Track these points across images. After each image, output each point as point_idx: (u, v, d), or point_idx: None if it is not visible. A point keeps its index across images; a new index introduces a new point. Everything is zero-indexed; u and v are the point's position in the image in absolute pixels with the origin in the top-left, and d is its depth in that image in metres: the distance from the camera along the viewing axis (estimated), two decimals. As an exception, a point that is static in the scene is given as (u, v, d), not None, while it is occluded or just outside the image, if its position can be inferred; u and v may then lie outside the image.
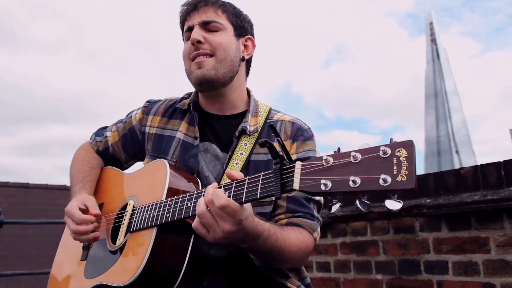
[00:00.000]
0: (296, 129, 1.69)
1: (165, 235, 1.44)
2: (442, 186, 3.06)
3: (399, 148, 0.99)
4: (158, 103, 1.86)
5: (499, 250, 2.69)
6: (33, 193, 12.18)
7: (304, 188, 1.09)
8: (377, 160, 1.00)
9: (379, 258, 3.36)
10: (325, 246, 3.76)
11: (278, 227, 1.43)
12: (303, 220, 1.56)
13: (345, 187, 1.02)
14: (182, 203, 1.39)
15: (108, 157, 1.94)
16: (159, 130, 1.78)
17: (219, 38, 1.65)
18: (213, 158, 1.66)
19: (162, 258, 1.42)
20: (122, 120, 1.93)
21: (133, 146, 1.87)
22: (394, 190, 0.97)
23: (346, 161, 1.04)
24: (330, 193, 1.05)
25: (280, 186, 1.14)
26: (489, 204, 2.69)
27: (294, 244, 1.46)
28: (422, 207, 3.05)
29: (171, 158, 1.69)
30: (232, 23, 1.71)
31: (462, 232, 2.88)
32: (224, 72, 1.64)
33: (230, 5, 1.74)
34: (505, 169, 2.74)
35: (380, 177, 0.97)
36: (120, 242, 1.56)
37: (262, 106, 1.78)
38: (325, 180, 1.05)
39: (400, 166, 0.97)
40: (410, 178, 0.95)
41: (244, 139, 1.64)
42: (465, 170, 2.98)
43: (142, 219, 1.50)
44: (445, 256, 2.96)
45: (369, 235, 3.44)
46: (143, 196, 1.60)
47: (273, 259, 1.47)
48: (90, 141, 1.99)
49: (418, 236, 3.12)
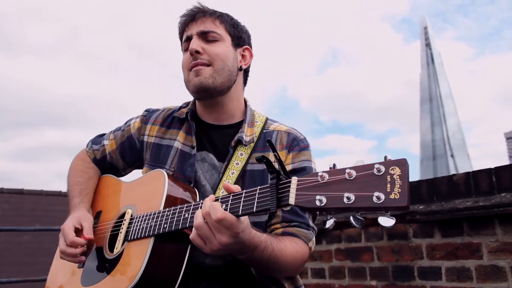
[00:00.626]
0: (292, 140, 1.70)
1: (162, 244, 1.46)
2: (435, 193, 3.09)
3: (393, 166, 1.01)
4: (157, 112, 1.88)
5: (491, 256, 2.72)
6: (28, 199, 12.12)
7: (299, 203, 1.11)
8: (371, 177, 1.02)
9: (373, 264, 3.38)
10: (320, 252, 3.78)
11: (274, 238, 1.45)
12: (299, 229, 1.58)
13: (340, 203, 1.04)
14: (180, 214, 1.41)
15: (105, 165, 1.95)
16: (158, 139, 1.80)
17: (217, 49, 1.67)
18: (210, 167, 1.68)
19: (159, 267, 1.43)
20: (120, 128, 1.94)
21: (131, 155, 1.88)
22: (387, 207, 0.99)
23: (341, 178, 1.06)
24: (325, 208, 1.07)
25: (276, 200, 1.16)
26: (481, 210, 2.73)
27: (290, 254, 1.47)
28: (415, 214, 3.08)
29: (169, 167, 1.71)
30: (229, 33, 1.73)
31: (455, 238, 2.91)
32: (222, 81, 1.67)
33: (228, 16, 1.76)
34: (496, 175, 2.78)
35: (373, 194, 1.00)
36: (117, 250, 1.57)
37: (259, 116, 1.80)
38: (320, 196, 1.07)
39: (393, 184, 0.99)
40: (403, 196, 0.97)
41: (240, 149, 1.66)
42: (457, 177, 3.01)
43: (139, 228, 1.51)
44: (438, 262, 2.98)
45: (363, 242, 3.47)
46: (141, 205, 1.62)
47: (269, 269, 1.48)
48: (87, 149, 1.99)
49: (412, 242, 3.15)
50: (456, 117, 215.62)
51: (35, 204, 12.05)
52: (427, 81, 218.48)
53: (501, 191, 2.73)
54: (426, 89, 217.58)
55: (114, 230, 1.66)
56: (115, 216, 1.71)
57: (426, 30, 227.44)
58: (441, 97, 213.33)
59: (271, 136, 1.72)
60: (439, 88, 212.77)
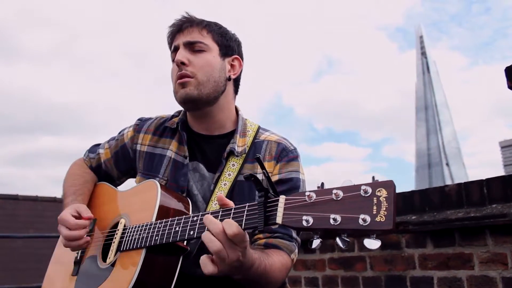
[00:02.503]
0: (281, 150, 1.71)
1: (154, 255, 1.48)
2: (427, 203, 3.12)
3: (379, 188, 1.02)
4: (149, 121, 1.89)
5: (482, 266, 2.74)
6: (22, 205, 12.07)
7: (286, 223, 1.13)
8: (358, 199, 1.03)
9: (366, 273, 3.40)
10: (313, 261, 3.79)
11: (264, 255, 1.46)
12: (281, 241, 1.58)
13: (326, 224, 1.05)
14: (171, 228, 1.43)
15: (101, 173, 1.97)
16: (150, 148, 1.81)
17: (202, 60, 1.68)
18: (200, 178, 1.70)
19: (150, 278, 1.45)
20: (115, 138, 1.96)
21: (125, 164, 1.90)
22: (372, 230, 1.00)
23: (328, 198, 1.07)
24: (311, 229, 1.08)
25: (263, 219, 1.17)
26: (472, 221, 2.75)
27: (277, 269, 1.50)
28: (407, 224, 3.10)
29: (162, 176, 1.73)
30: (217, 42, 1.73)
31: (446, 248, 2.93)
32: (208, 92, 1.67)
33: (215, 25, 1.75)
34: (487, 187, 2.81)
35: (359, 217, 1.00)
36: (110, 260, 1.59)
37: (250, 125, 1.80)
38: (306, 216, 1.08)
39: (379, 206, 1.00)
40: (388, 219, 0.98)
41: (232, 160, 1.67)
42: (449, 188, 3.04)
43: (132, 240, 1.53)
44: (431, 272, 3.00)
45: (356, 251, 3.49)
46: (134, 215, 1.64)
47: (258, 284, 1.49)
48: (84, 157, 2.02)
49: (404, 252, 3.17)
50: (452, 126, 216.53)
51: (30, 210, 12.00)
52: (422, 90, 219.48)
53: (492, 202, 2.76)
54: (422, 98, 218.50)
55: (108, 239, 1.68)
56: (109, 225, 1.73)
57: (422, 39, 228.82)
58: (436, 105, 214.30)
59: (261, 147, 1.72)
60: (435, 96, 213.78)
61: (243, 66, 1.82)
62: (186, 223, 1.39)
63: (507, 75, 2.28)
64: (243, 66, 1.82)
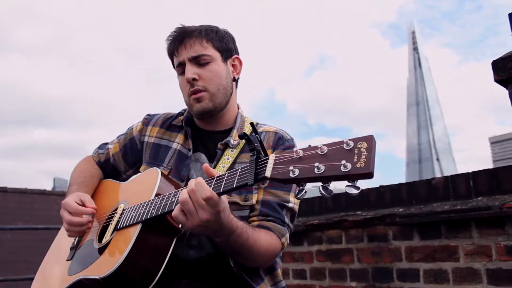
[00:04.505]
0: (278, 139, 1.79)
1: (148, 234, 1.50)
2: (414, 196, 3.14)
3: (361, 141, 1.11)
4: (157, 115, 2.00)
5: (467, 259, 2.77)
6: (12, 197, 11.99)
7: (274, 175, 1.20)
8: (340, 150, 1.12)
9: (354, 266, 3.42)
10: (301, 253, 3.81)
11: (250, 227, 1.53)
12: (273, 224, 1.65)
13: (311, 173, 1.12)
14: (168, 199, 1.48)
15: (108, 168, 2.06)
16: (157, 139, 1.90)
17: (210, 72, 1.76)
18: (201, 167, 1.75)
19: (142, 255, 1.47)
20: (123, 133, 2.05)
21: (133, 156, 1.98)
22: (353, 175, 1.07)
23: (313, 153, 1.16)
24: (297, 179, 1.15)
25: (254, 174, 1.24)
26: (458, 213, 2.78)
27: (263, 246, 1.55)
28: (395, 216, 3.13)
29: (166, 165, 1.81)
30: (218, 49, 1.80)
31: (433, 241, 2.96)
32: (221, 100, 1.78)
33: (212, 30, 1.81)
34: (473, 180, 2.84)
35: (341, 163, 1.08)
36: (106, 240, 1.61)
37: (247, 124, 1.88)
38: (293, 168, 1.15)
39: (360, 155, 1.08)
40: (368, 165, 1.05)
41: (227, 154, 1.75)
42: (436, 181, 3.07)
43: (129, 217, 1.57)
44: (417, 264, 3.03)
45: (344, 243, 3.51)
46: (133, 199, 1.68)
47: (242, 256, 1.54)
48: (93, 154, 2.12)
49: (391, 245, 3.20)
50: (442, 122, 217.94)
51: (19, 202, 11.92)
52: (414, 85, 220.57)
53: (477, 195, 2.79)
54: (413, 93, 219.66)
55: (106, 223, 1.71)
56: (109, 211, 1.77)
57: (414, 34, 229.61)
58: (427, 101, 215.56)
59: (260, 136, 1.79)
60: (426, 92, 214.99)
61: (243, 63, 1.90)
62: None
63: (493, 68, 2.30)
64: (243, 64, 1.90)
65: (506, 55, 2.33)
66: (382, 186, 3.45)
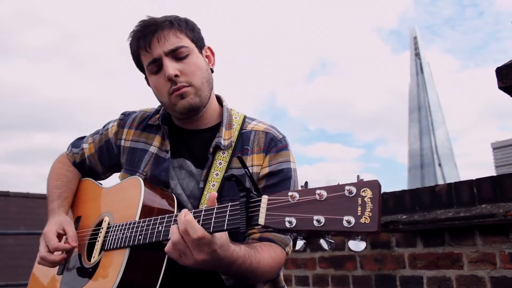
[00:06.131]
0: (269, 140, 1.67)
1: (139, 253, 1.47)
2: (418, 203, 3.13)
3: (364, 188, 0.99)
4: (133, 115, 1.86)
5: (471, 266, 2.76)
6: (14, 201, 11.98)
7: (269, 224, 1.10)
8: (342, 199, 1.00)
9: (356, 272, 3.41)
10: (304, 260, 3.80)
11: (252, 251, 1.43)
12: (276, 235, 1.57)
13: (309, 225, 1.02)
14: (154, 227, 1.41)
15: (85, 169, 1.95)
16: (133, 143, 1.79)
17: (191, 66, 1.61)
18: (187, 175, 1.67)
19: (136, 276, 1.44)
20: (99, 132, 1.92)
21: (109, 159, 1.88)
22: (357, 232, 0.97)
23: (311, 199, 1.04)
24: (294, 230, 1.06)
25: (246, 220, 1.15)
26: (462, 221, 2.77)
27: (268, 265, 1.48)
28: (398, 223, 3.11)
29: (141, 171, 1.70)
30: (192, 39, 1.65)
31: (436, 248, 2.95)
32: (206, 94, 1.64)
33: (181, 20, 1.66)
34: (477, 187, 2.82)
35: (343, 218, 0.98)
36: (94, 259, 1.58)
37: (236, 117, 1.75)
38: (289, 218, 1.05)
39: (364, 207, 0.97)
40: (373, 221, 0.95)
41: (218, 158, 1.63)
42: (439, 188, 3.06)
43: (115, 239, 1.52)
44: (420, 271, 3.02)
45: (347, 250, 3.49)
46: (117, 213, 1.63)
47: (246, 279, 1.49)
48: (67, 152, 1.99)
49: (394, 252, 3.18)
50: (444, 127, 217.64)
51: (21, 207, 11.91)
52: (416, 90, 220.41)
53: (481, 202, 2.78)
54: (415, 98, 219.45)
55: (92, 238, 1.67)
56: (93, 223, 1.72)
57: (416, 40, 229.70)
58: (429, 106, 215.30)
59: (249, 138, 1.68)
60: (428, 97, 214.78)
61: (215, 54, 1.76)
62: (169, 222, 1.38)
63: (497, 75, 2.29)
64: (215, 54, 1.76)
65: (510, 62, 2.33)
66: (385, 192, 3.44)
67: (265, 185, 1.62)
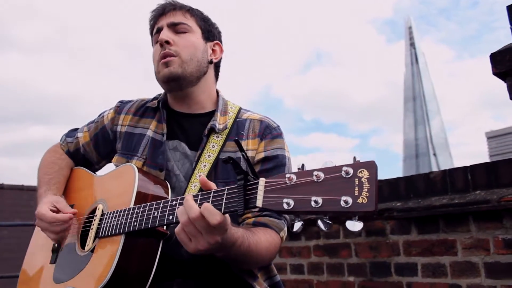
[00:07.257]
0: (265, 127, 1.71)
1: (134, 240, 1.46)
2: (412, 190, 3.13)
3: (361, 168, 1.00)
4: (130, 103, 1.89)
5: (465, 252, 2.77)
6: (8, 194, 11.96)
7: (267, 206, 1.10)
8: (339, 180, 1.01)
9: (351, 260, 3.41)
10: (299, 248, 3.80)
11: (249, 232, 1.44)
12: (270, 219, 1.57)
13: (307, 207, 1.03)
14: (150, 212, 1.41)
15: (78, 158, 1.94)
16: (130, 128, 1.80)
17: (186, 40, 1.70)
18: (182, 156, 1.68)
19: (131, 263, 1.43)
20: (94, 121, 1.93)
21: (105, 146, 1.88)
22: (355, 212, 0.98)
23: (309, 180, 1.05)
24: (292, 212, 1.06)
25: (243, 202, 1.15)
26: (456, 207, 2.77)
27: (264, 247, 1.49)
28: (392, 211, 3.12)
29: (140, 155, 1.71)
30: (200, 26, 1.76)
31: (431, 235, 2.95)
32: (191, 71, 1.69)
33: (198, 10, 1.79)
34: (471, 173, 2.83)
35: (341, 199, 0.98)
36: (89, 247, 1.57)
37: (231, 108, 1.79)
38: (287, 199, 1.05)
39: (361, 187, 0.98)
40: (370, 201, 0.96)
41: (212, 141, 1.66)
42: (434, 175, 3.06)
43: (110, 226, 1.51)
44: (415, 258, 3.02)
45: (341, 238, 3.50)
46: (111, 200, 1.61)
47: (244, 262, 1.49)
48: (60, 142, 1.98)
49: (389, 239, 3.19)
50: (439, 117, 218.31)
51: (15, 199, 11.89)
52: (411, 80, 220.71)
53: (475, 189, 2.78)
54: (410, 88, 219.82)
55: (86, 226, 1.65)
56: (87, 211, 1.70)
57: (411, 29, 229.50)
58: (424, 96, 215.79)
59: (244, 125, 1.72)
60: (423, 87, 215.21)
61: (223, 52, 1.84)
62: (165, 208, 1.37)
63: (492, 61, 2.28)
64: (223, 53, 1.85)
65: (504, 48, 2.32)
66: (380, 180, 3.44)
67: (260, 170, 1.63)
